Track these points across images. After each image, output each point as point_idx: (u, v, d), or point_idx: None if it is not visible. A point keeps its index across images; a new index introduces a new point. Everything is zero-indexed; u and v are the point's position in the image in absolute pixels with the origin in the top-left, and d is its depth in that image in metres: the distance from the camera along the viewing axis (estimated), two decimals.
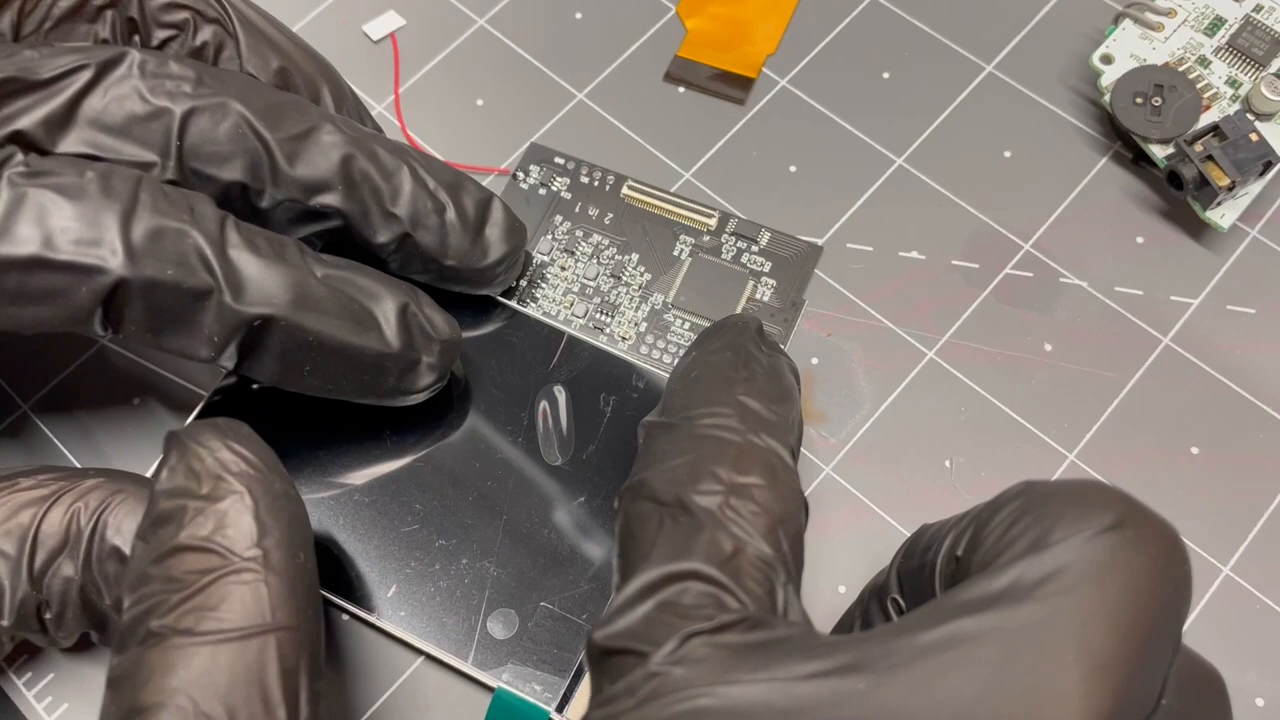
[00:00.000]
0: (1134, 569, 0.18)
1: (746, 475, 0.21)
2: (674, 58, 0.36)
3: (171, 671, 0.20)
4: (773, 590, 0.20)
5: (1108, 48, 0.33)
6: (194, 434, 0.23)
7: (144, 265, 0.24)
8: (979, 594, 0.18)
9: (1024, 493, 0.20)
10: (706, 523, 0.20)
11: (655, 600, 0.19)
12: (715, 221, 0.33)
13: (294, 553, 0.22)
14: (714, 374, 0.24)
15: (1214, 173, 0.30)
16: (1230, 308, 0.32)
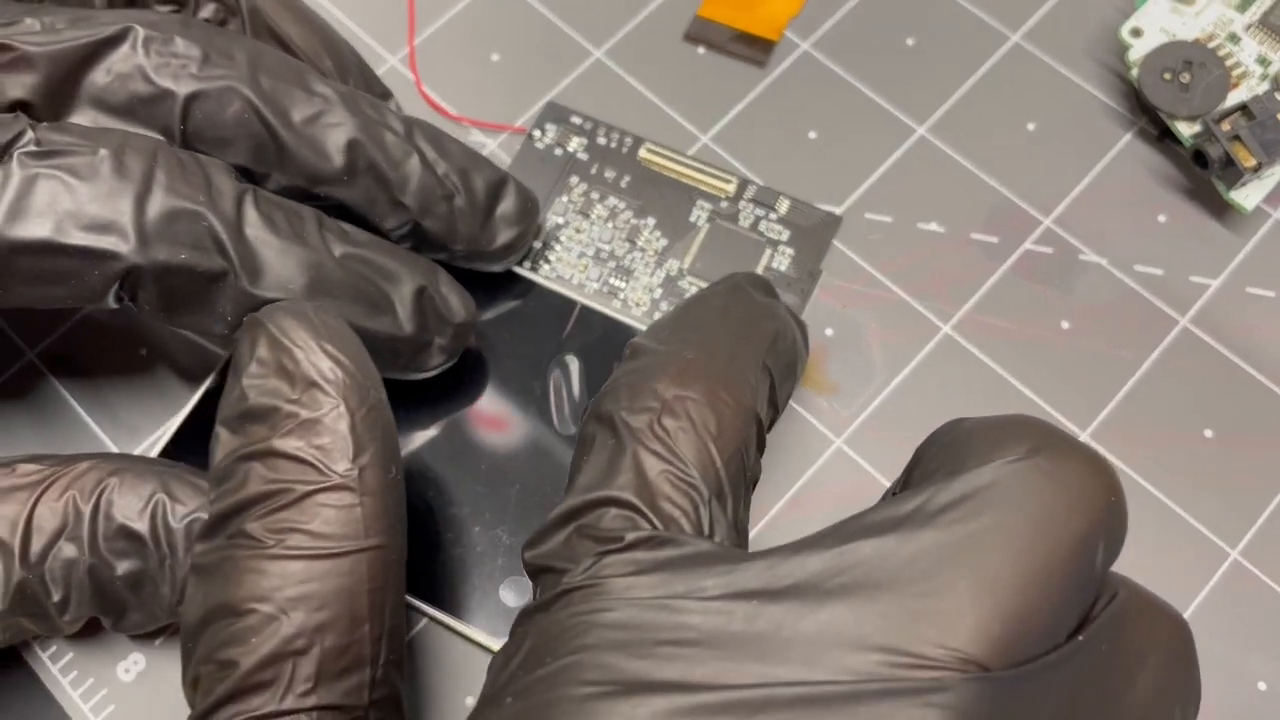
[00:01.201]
0: (1041, 497, 0.18)
1: (683, 389, 0.21)
2: (694, 17, 0.35)
3: (265, 576, 0.20)
4: (696, 508, 0.20)
5: (1137, 20, 0.33)
6: (284, 328, 0.22)
7: (157, 250, 0.23)
8: (878, 518, 0.18)
9: (948, 429, 0.20)
10: (630, 444, 0.21)
11: (574, 525, 0.20)
12: (734, 187, 0.32)
13: (386, 468, 0.22)
14: (695, 303, 0.24)
15: (1240, 153, 0.30)
16: (1250, 290, 0.31)
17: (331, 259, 0.25)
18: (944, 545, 0.17)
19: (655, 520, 0.20)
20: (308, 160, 0.26)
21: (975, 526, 0.17)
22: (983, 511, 0.17)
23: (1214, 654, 0.27)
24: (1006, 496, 0.18)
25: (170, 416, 0.30)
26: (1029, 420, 0.19)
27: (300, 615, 0.20)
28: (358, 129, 0.26)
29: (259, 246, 0.24)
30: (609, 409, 0.21)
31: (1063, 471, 0.18)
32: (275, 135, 0.26)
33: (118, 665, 0.27)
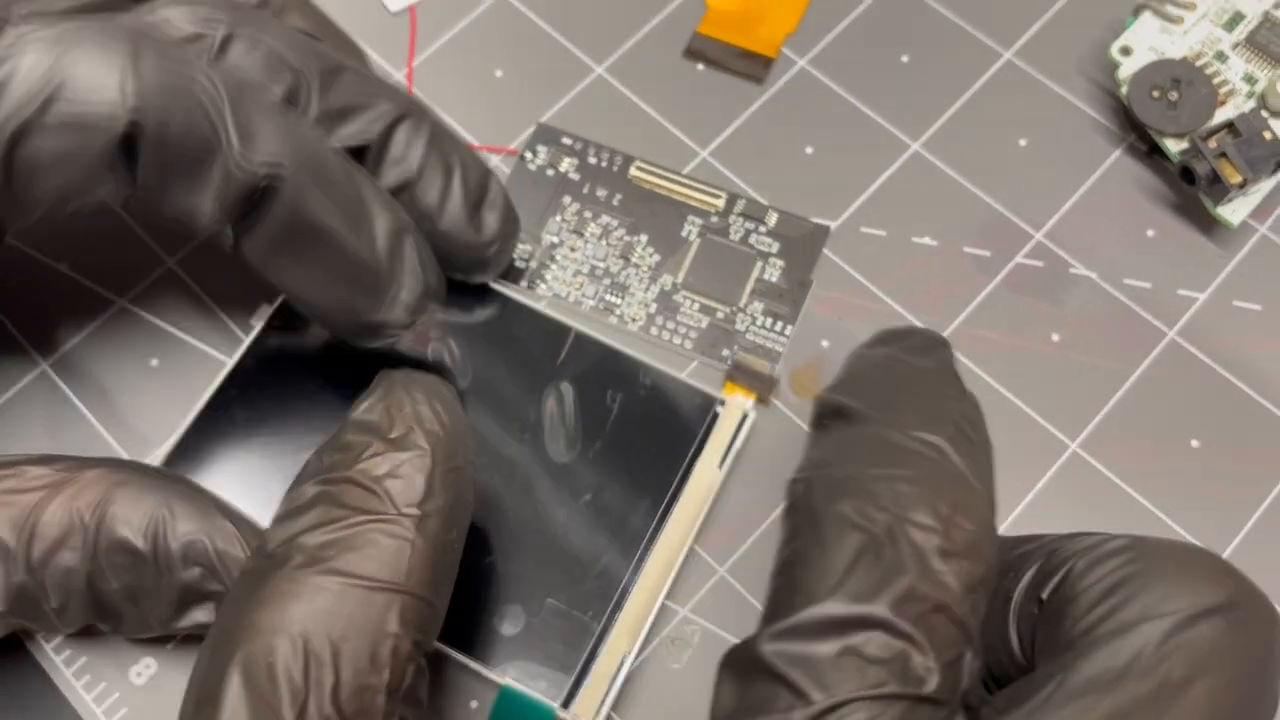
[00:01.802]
0: (1245, 653, 0.19)
1: (964, 519, 0.19)
2: (694, 34, 0.36)
3: (296, 600, 0.20)
4: (959, 659, 0.19)
5: (1127, 39, 0.33)
6: (406, 380, 0.24)
7: (153, 110, 0.23)
8: (1100, 671, 0.18)
9: (1128, 550, 0.20)
10: (914, 566, 0.19)
11: (840, 641, 0.18)
12: (723, 202, 0.33)
13: (449, 527, 0.22)
14: (922, 381, 0.22)
15: (1227, 170, 0.31)
16: (1237, 303, 0.32)
17: (329, 147, 0.26)
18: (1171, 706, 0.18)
19: (929, 658, 0.18)
20: (335, 102, 0.27)
21: (1198, 689, 0.18)
22: (1198, 671, 0.18)
23: None
24: (1218, 655, 0.18)
25: (180, 424, 0.30)
26: (1216, 561, 0.20)
27: (321, 643, 0.20)
28: (398, 106, 0.28)
29: (255, 116, 0.24)
30: (886, 508, 0.19)
31: (1257, 625, 0.19)
32: (307, 82, 0.26)
33: (130, 669, 0.28)
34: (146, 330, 0.32)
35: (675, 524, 0.28)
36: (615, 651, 0.27)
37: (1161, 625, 0.18)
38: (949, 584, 0.19)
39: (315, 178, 0.25)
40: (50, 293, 0.32)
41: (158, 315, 0.32)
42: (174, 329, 0.32)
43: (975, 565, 0.19)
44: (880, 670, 0.18)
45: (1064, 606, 0.19)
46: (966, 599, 0.19)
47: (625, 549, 0.28)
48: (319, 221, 0.25)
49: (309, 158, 0.25)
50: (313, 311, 0.28)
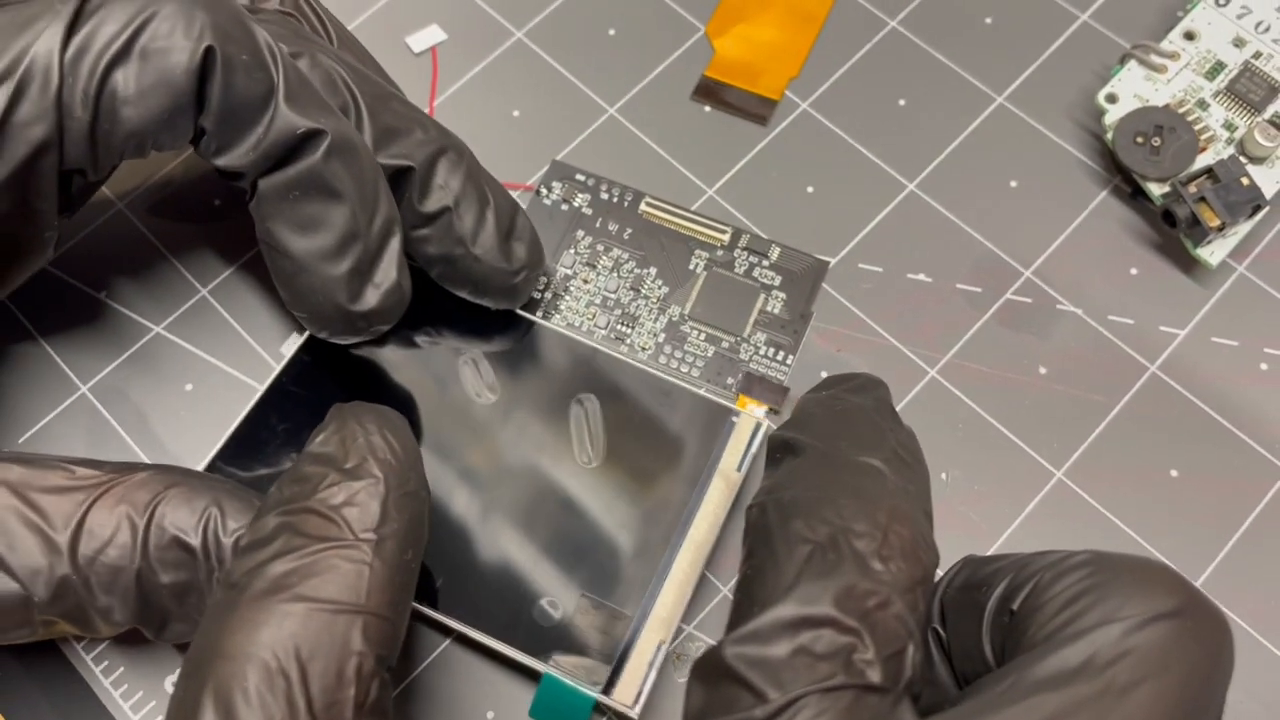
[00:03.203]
0: (1191, 658, 0.19)
1: (900, 527, 0.21)
2: (701, 77, 0.38)
3: (263, 626, 0.21)
4: (901, 652, 0.20)
5: (1113, 87, 0.35)
6: (358, 411, 0.25)
7: (224, 48, 0.26)
8: (1052, 671, 0.19)
9: (1090, 564, 0.21)
10: (854, 566, 0.21)
11: (792, 642, 0.20)
12: (728, 237, 0.35)
13: (404, 548, 0.23)
14: (861, 414, 0.25)
15: (1206, 214, 0.32)
16: (1215, 340, 0.34)
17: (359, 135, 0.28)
18: (1116, 707, 0.19)
19: (871, 651, 0.20)
20: (386, 123, 0.29)
21: (1142, 690, 0.19)
22: (1145, 672, 0.19)
23: None
24: (1166, 657, 0.19)
25: (213, 448, 0.32)
26: (1171, 574, 0.21)
27: (290, 663, 0.21)
28: (441, 137, 0.30)
29: (303, 82, 0.27)
30: (829, 521, 0.21)
31: (1206, 634, 0.20)
32: (359, 104, 0.29)
33: (165, 678, 0.30)
34: (181, 356, 0.34)
35: (701, 519, 0.30)
36: (651, 640, 0.28)
37: (1115, 630, 0.19)
38: (888, 582, 0.21)
39: (346, 148, 0.28)
40: (90, 320, 0.34)
41: (192, 342, 0.34)
42: (207, 355, 0.34)
43: (913, 567, 0.21)
44: (829, 665, 0.20)
45: (1030, 616, 0.21)
46: (905, 596, 0.21)
47: (655, 544, 0.29)
48: (337, 186, 0.28)
49: (344, 132, 0.28)
50: (295, 285, 0.29)
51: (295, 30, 0.30)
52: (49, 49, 0.25)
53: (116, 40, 0.26)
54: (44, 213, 0.28)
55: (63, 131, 0.26)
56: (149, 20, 0.26)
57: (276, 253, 0.29)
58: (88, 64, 0.25)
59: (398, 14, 0.39)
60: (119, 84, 0.26)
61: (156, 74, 0.26)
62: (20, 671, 0.30)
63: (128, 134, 0.26)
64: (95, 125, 0.26)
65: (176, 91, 0.26)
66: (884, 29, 0.38)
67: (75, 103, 0.26)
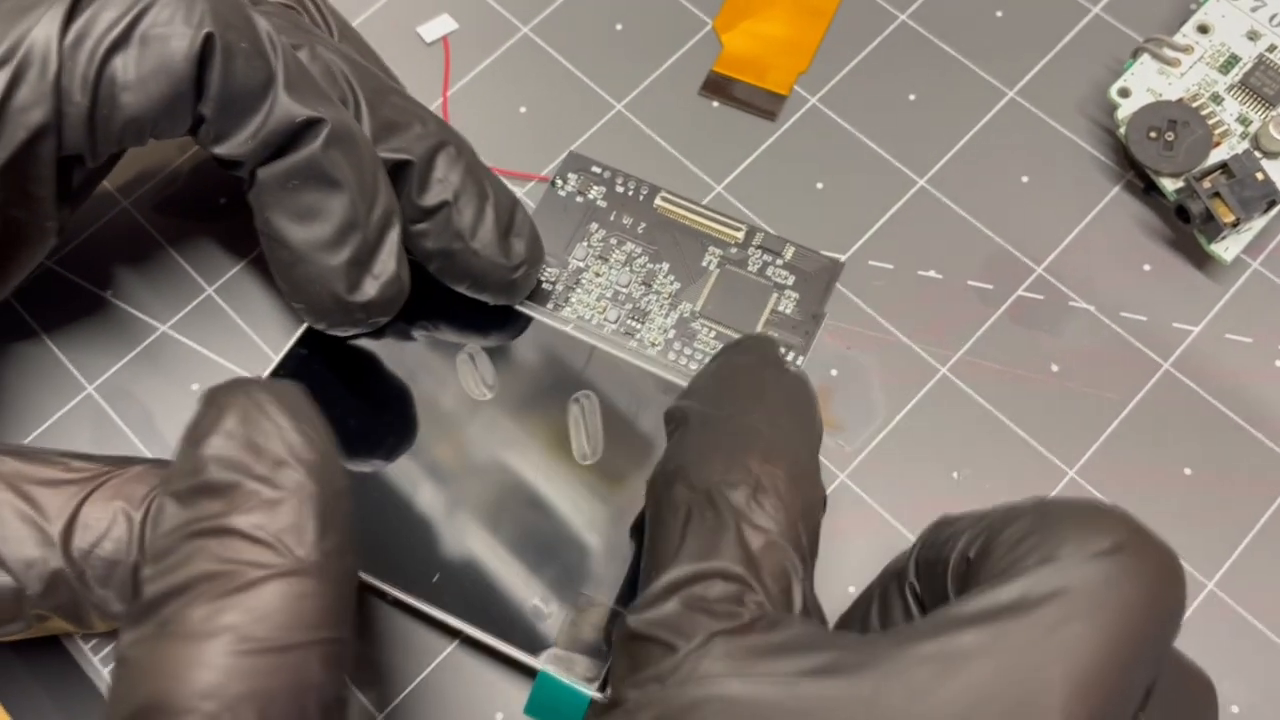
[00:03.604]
0: (1127, 595, 0.19)
1: (773, 467, 0.22)
2: (709, 72, 0.37)
3: (207, 670, 0.19)
4: (790, 586, 0.22)
5: (1125, 81, 0.35)
6: (259, 401, 0.21)
7: (223, 36, 0.26)
8: (981, 607, 0.19)
9: (1035, 509, 0.21)
10: (732, 517, 0.22)
11: (683, 595, 0.21)
12: (743, 235, 0.34)
13: (344, 556, 0.21)
14: (742, 372, 0.26)
15: (1220, 209, 0.32)
16: (1229, 336, 0.33)
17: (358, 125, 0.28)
18: (1039, 641, 0.19)
19: (760, 593, 0.21)
20: (385, 117, 0.29)
21: (1067, 624, 0.19)
22: (1073, 609, 0.19)
23: None
24: (1095, 594, 0.19)
25: None
26: (1113, 513, 0.21)
27: (246, 714, 0.19)
28: (440, 131, 0.30)
29: (303, 72, 0.27)
30: (703, 479, 0.22)
31: (1145, 569, 0.19)
32: (357, 98, 0.29)
33: None
34: (187, 355, 0.33)
35: None
36: None
37: (1049, 569, 0.19)
38: (766, 525, 0.22)
39: (345, 138, 0.27)
40: (95, 319, 0.34)
41: (197, 341, 0.34)
42: (214, 354, 0.33)
43: (791, 502, 0.22)
44: (723, 608, 0.21)
45: (981, 562, 0.21)
46: (788, 534, 0.22)
47: None
48: (336, 175, 0.27)
49: (344, 121, 0.27)
50: (293, 276, 0.29)
51: (296, 22, 0.29)
52: (48, 34, 0.25)
53: (116, 26, 0.25)
54: (43, 199, 0.27)
55: (61, 117, 0.26)
56: (149, 7, 0.26)
57: (275, 242, 0.29)
58: (87, 49, 0.25)
59: (408, 3, 0.39)
60: (118, 70, 0.26)
61: (156, 60, 0.26)
62: (22, 667, 0.30)
63: (127, 120, 0.26)
64: (94, 111, 0.26)
65: (176, 78, 0.26)
66: (894, 23, 0.38)
67: (74, 88, 0.25)
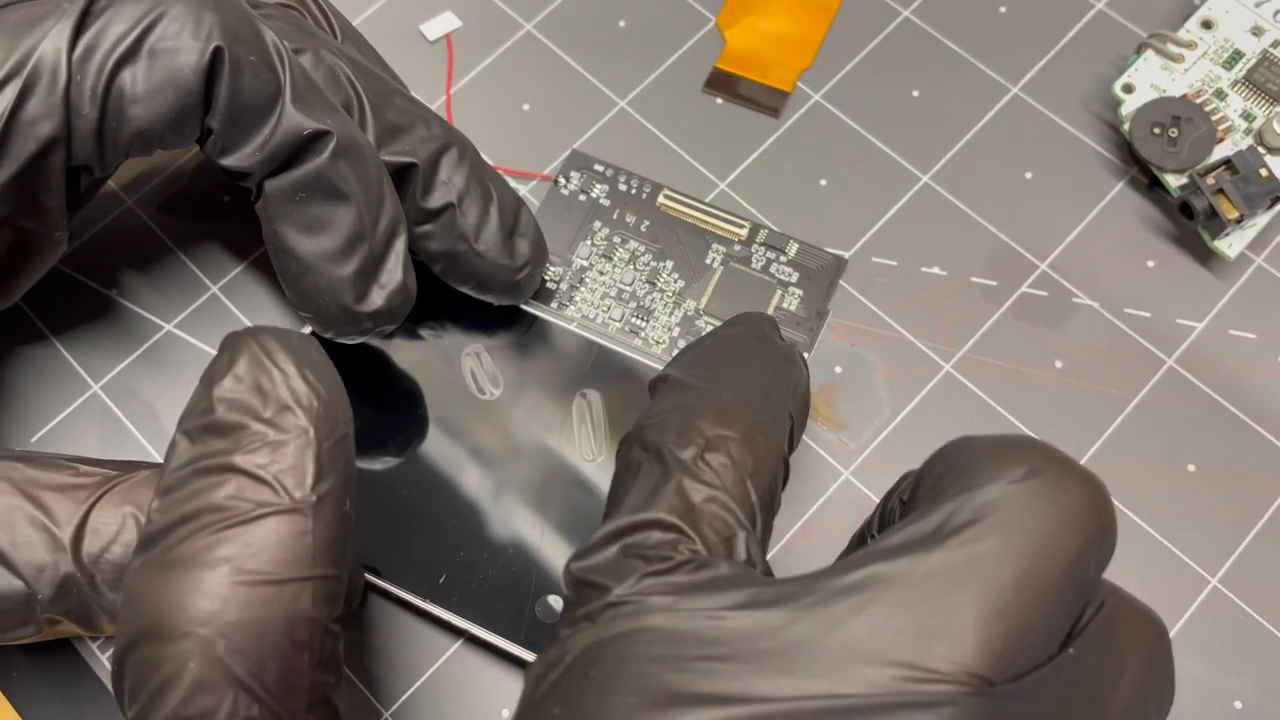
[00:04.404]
0: (1041, 519, 0.19)
1: (725, 429, 0.23)
2: (712, 69, 0.37)
3: (204, 598, 0.20)
4: (732, 537, 0.22)
5: (1129, 77, 0.35)
6: (268, 348, 0.22)
7: (232, 49, 0.26)
8: (896, 541, 0.20)
9: (955, 446, 0.22)
10: (676, 472, 0.22)
11: (621, 543, 0.22)
12: (746, 232, 0.34)
13: (342, 500, 0.22)
14: (727, 343, 0.26)
15: (1224, 206, 0.32)
16: (1233, 332, 0.33)
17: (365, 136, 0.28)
18: (953, 567, 0.19)
19: (697, 543, 0.22)
20: (390, 120, 0.29)
21: (980, 549, 0.19)
22: (986, 534, 0.19)
23: (1193, 675, 0.29)
24: (1008, 519, 0.19)
25: None
26: (1029, 441, 0.21)
27: (239, 641, 0.20)
28: (444, 133, 0.30)
29: (309, 83, 0.27)
30: (656, 439, 0.23)
31: (1059, 493, 0.20)
32: (361, 99, 0.29)
33: None
34: (193, 354, 0.34)
35: None
36: None
37: (966, 497, 0.20)
38: (711, 480, 0.22)
39: (351, 150, 0.27)
40: (101, 318, 0.34)
41: (202, 340, 0.34)
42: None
43: (742, 459, 0.23)
44: (659, 553, 0.21)
45: (910, 502, 0.22)
46: (735, 489, 0.22)
47: None
48: (344, 187, 0.27)
49: (350, 133, 0.27)
50: (301, 286, 0.29)
51: (299, 25, 0.29)
52: (57, 47, 0.25)
53: (125, 39, 0.25)
54: (53, 210, 0.27)
55: (70, 129, 0.26)
56: (157, 20, 0.26)
57: (283, 254, 0.29)
58: (96, 62, 0.25)
59: (411, 2, 0.39)
60: (127, 83, 0.26)
61: (164, 73, 0.26)
62: (32, 668, 0.30)
63: (135, 132, 0.26)
64: (103, 123, 0.26)
65: (184, 91, 0.26)
66: (897, 19, 0.38)
67: (83, 101, 0.26)
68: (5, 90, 0.25)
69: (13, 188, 0.26)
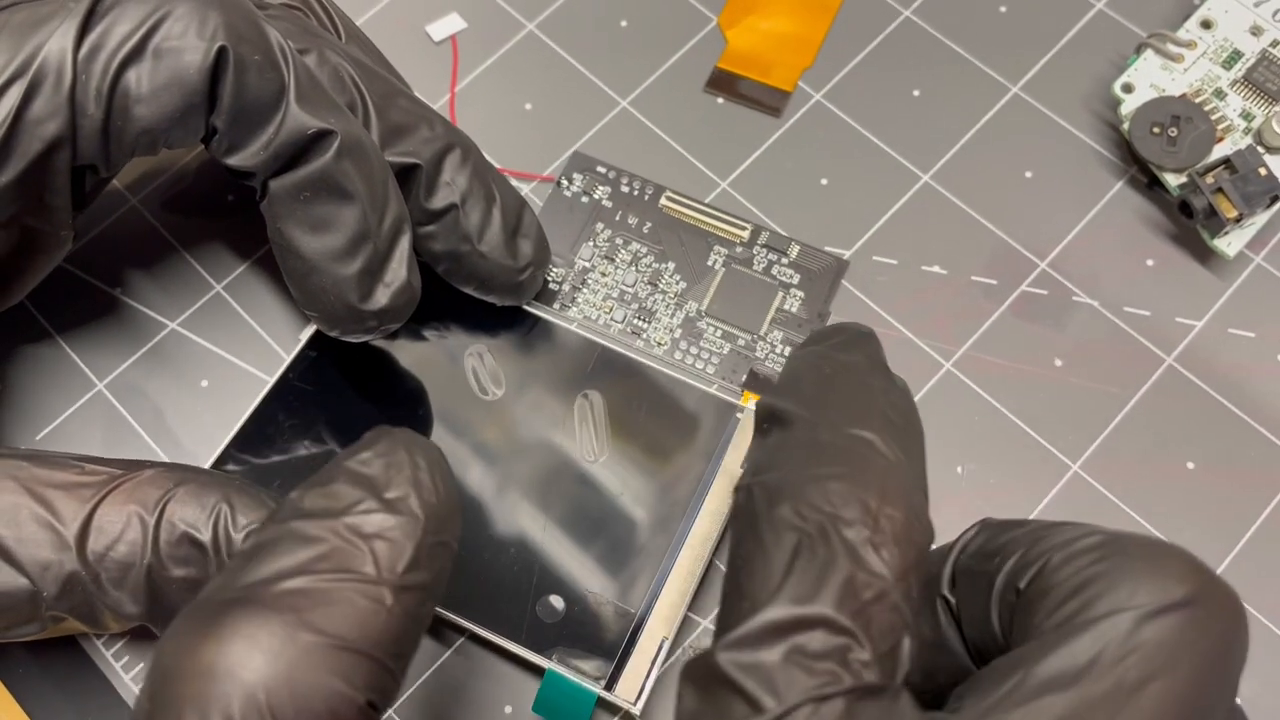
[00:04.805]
0: (1203, 650, 0.19)
1: (892, 508, 0.20)
2: (714, 68, 0.37)
3: (258, 650, 0.19)
4: (898, 647, 0.20)
5: (1129, 76, 0.35)
6: (409, 441, 0.23)
7: (236, 48, 0.26)
8: (1058, 669, 0.19)
9: (1098, 547, 0.20)
10: (846, 560, 0.19)
11: (785, 644, 0.19)
12: (748, 234, 0.35)
13: (425, 601, 0.22)
14: (851, 376, 0.23)
15: (1223, 205, 0.32)
16: (1232, 331, 0.33)
17: (369, 135, 0.28)
18: (1124, 707, 0.18)
19: (868, 652, 0.19)
20: (394, 120, 0.29)
21: (1151, 689, 0.18)
22: (1153, 670, 0.19)
23: None
24: (1175, 653, 0.19)
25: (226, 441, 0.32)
26: (1182, 558, 0.20)
27: (284, 696, 0.19)
28: (447, 134, 0.30)
29: (314, 83, 0.27)
30: (817, 507, 0.20)
31: (1219, 621, 0.19)
32: (365, 100, 0.29)
33: None
34: (197, 352, 0.34)
35: (704, 516, 0.30)
36: (654, 636, 0.28)
37: (1124, 621, 0.19)
38: (882, 574, 0.19)
39: (356, 149, 0.27)
40: (105, 317, 0.34)
41: (207, 338, 0.34)
42: (222, 351, 0.34)
43: (906, 551, 0.20)
44: (824, 666, 0.19)
45: (1038, 599, 0.20)
46: (899, 586, 0.20)
47: (658, 541, 0.30)
48: (348, 186, 0.28)
49: (354, 132, 0.28)
50: (306, 285, 0.29)
51: (303, 25, 0.30)
52: (62, 47, 0.25)
53: (130, 39, 0.26)
54: (59, 209, 0.28)
55: (75, 129, 0.26)
56: (162, 20, 0.26)
57: (288, 253, 0.29)
58: (101, 62, 0.26)
59: (415, 2, 0.39)
60: (132, 83, 0.26)
61: (169, 73, 0.26)
62: (36, 666, 0.30)
63: (140, 132, 0.27)
64: (108, 123, 0.26)
65: (189, 91, 0.26)
66: (898, 18, 0.38)
67: (88, 100, 0.26)
68: (11, 90, 0.25)
69: (18, 187, 0.26)
